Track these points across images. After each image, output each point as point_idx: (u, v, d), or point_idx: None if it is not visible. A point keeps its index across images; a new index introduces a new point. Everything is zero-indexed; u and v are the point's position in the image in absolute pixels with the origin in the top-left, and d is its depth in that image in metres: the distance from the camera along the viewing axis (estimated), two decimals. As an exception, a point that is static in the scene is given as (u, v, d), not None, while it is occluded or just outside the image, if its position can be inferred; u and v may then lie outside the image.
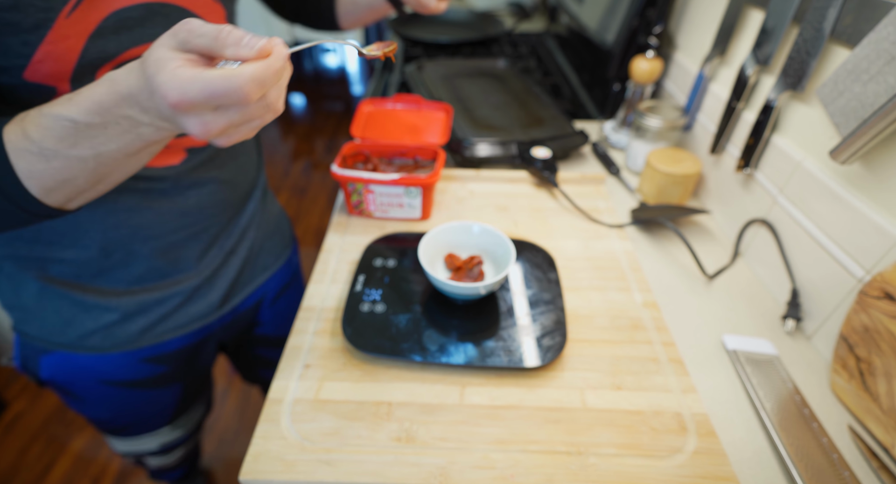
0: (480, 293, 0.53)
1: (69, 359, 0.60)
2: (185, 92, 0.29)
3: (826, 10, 0.52)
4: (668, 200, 0.75)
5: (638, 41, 0.90)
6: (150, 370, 0.65)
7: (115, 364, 0.61)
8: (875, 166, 0.49)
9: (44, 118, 0.33)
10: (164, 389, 0.69)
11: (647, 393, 0.48)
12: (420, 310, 0.55)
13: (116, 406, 0.68)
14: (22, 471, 1.30)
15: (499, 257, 0.57)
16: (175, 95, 0.29)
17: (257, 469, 0.42)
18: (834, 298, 0.53)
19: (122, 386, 0.64)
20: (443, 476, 0.41)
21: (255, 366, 0.89)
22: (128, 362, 0.62)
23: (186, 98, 0.29)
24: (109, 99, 0.32)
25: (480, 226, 0.58)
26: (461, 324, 0.54)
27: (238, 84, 0.29)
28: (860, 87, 0.48)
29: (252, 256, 0.70)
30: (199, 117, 0.30)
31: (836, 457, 0.44)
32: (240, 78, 0.29)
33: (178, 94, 0.29)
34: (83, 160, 0.34)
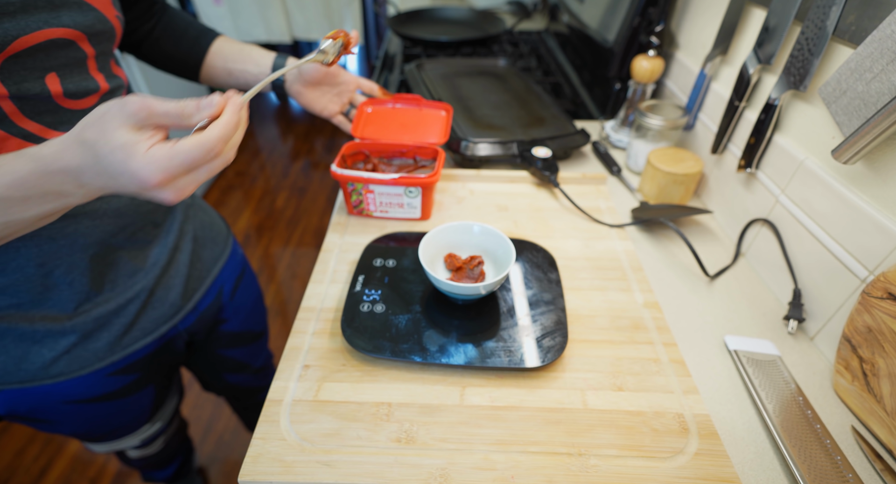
0: (481, 293, 0.52)
1: (26, 393, 0.56)
2: (168, 169, 0.31)
3: (829, 8, 0.52)
4: (670, 200, 0.75)
5: (639, 40, 0.89)
6: (119, 382, 0.62)
7: (80, 385, 0.59)
8: (878, 166, 0.48)
9: None
10: (137, 394, 0.68)
11: (649, 394, 0.48)
12: (420, 310, 0.54)
13: (90, 421, 0.66)
14: (19, 472, 1.29)
15: (499, 257, 0.56)
16: (159, 176, 0.31)
17: (256, 470, 0.41)
18: (837, 299, 0.53)
19: (93, 402, 0.62)
20: (443, 477, 0.41)
21: (220, 369, 0.88)
22: (94, 380, 0.59)
23: (169, 174, 0.32)
24: (35, 176, 0.33)
25: (481, 226, 0.58)
26: (461, 324, 0.53)
27: (209, 146, 0.32)
28: (863, 85, 0.47)
29: (198, 248, 0.69)
30: (173, 186, 0.33)
31: (839, 459, 0.43)
32: (210, 141, 0.32)
33: (162, 173, 0.31)
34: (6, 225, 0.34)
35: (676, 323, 0.58)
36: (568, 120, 0.89)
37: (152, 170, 0.31)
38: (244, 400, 1.02)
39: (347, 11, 2.31)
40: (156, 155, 0.31)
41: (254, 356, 0.90)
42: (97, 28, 0.47)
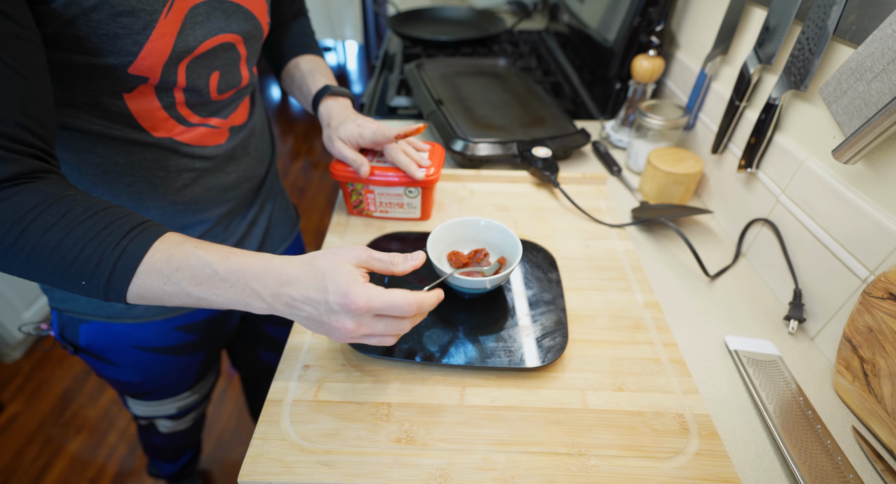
0: (486, 287, 0.52)
1: (107, 327, 0.63)
2: (371, 300, 0.38)
3: (829, 7, 0.52)
4: (670, 200, 0.75)
5: (639, 40, 0.89)
6: (181, 338, 0.68)
7: (150, 332, 0.65)
8: (879, 166, 0.48)
9: (194, 258, 0.39)
10: (190, 355, 0.73)
11: (649, 394, 0.48)
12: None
13: (147, 371, 0.71)
14: (18, 473, 1.29)
15: (505, 253, 0.56)
16: (363, 302, 0.38)
17: (256, 470, 0.41)
18: (837, 299, 0.53)
19: (155, 352, 0.68)
20: (443, 477, 0.41)
21: (259, 345, 0.92)
22: (162, 330, 0.66)
23: (370, 305, 0.38)
24: (255, 270, 0.39)
25: (487, 221, 0.58)
26: (462, 324, 0.53)
27: (409, 302, 0.39)
28: (864, 85, 0.47)
29: (271, 226, 0.74)
30: (358, 319, 0.39)
31: (839, 459, 0.43)
32: (412, 298, 0.40)
33: (366, 302, 0.38)
34: (189, 296, 0.39)
35: (677, 323, 0.58)
36: (568, 120, 0.89)
37: (361, 295, 0.38)
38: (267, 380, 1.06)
39: (348, 11, 2.31)
40: (370, 288, 0.39)
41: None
42: (252, 33, 0.55)
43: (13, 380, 1.52)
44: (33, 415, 1.43)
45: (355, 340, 0.41)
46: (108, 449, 1.36)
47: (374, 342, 0.42)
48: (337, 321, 0.39)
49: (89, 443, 1.37)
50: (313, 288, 0.39)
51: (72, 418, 1.43)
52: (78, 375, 1.55)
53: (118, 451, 1.35)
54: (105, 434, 1.39)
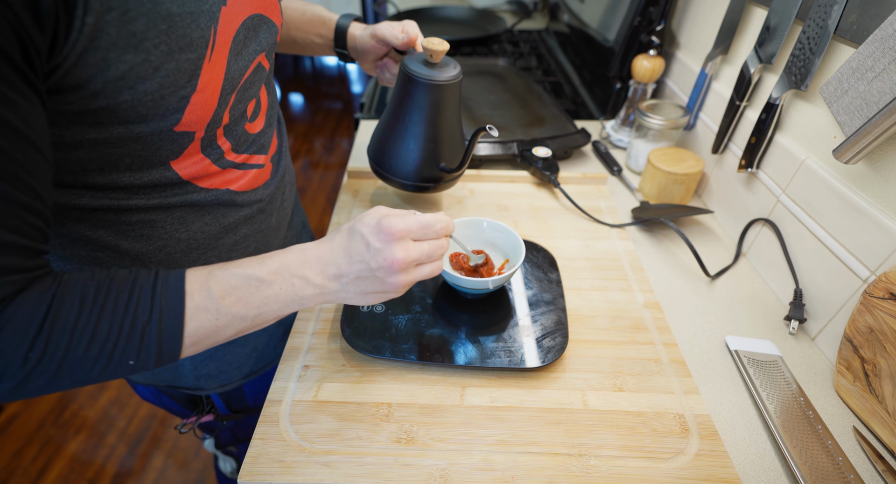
0: (489, 288, 0.52)
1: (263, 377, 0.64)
2: (407, 223, 0.39)
3: (830, 7, 0.51)
4: (670, 200, 0.74)
5: (640, 39, 0.89)
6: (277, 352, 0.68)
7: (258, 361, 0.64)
8: (880, 165, 0.48)
9: (234, 278, 0.37)
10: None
11: (649, 394, 0.48)
12: (420, 310, 0.54)
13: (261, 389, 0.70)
14: (17, 473, 1.29)
15: (509, 254, 0.56)
16: (401, 224, 0.38)
17: (256, 471, 0.41)
18: (838, 299, 0.52)
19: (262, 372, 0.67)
20: (443, 478, 0.41)
21: None
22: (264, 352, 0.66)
23: (408, 227, 0.39)
24: (294, 261, 0.39)
25: (490, 221, 0.58)
26: (463, 324, 0.53)
27: (436, 216, 0.41)
28: (865, 85, 0.47)
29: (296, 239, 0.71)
30: (403, 246, 0.39)
31: (840, 459, 0.43)
32: (436, 215, 0.42)
33: (403, 224, 0.39)
34: (244, 319, 0.38)
35: (677, 323, 0.58)
36: (568, 119, 0.88)
37: (394, 221, 0.39)
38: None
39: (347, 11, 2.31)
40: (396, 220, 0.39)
41: None
42: (274, 43, 0.49)
43: (12, 380, 1.52)
44: (32, 415, 1.43)
45: (408, 278, 0.40)
46: (107, 449, 1.35)
47: (426, 272, 0.41)
48: (385, 258, 0.38)
49: (89, 443, 1.37)
50: (351, 244, 0.39)
51: (71, 419, 1.42)
52: (77, 375, 1.54)
53: (117, 451, 1.35)
54: (104, 434, 1.39)
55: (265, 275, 0.38)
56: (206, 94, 0.39)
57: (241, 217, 0.51)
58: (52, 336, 0.31)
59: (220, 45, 0.39)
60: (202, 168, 0.45)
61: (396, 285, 0.40)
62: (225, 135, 0.45)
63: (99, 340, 0.32)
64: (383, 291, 0.40)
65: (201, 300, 0.36)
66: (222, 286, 0.37)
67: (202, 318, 0.36)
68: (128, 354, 0.34)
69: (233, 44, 0.40)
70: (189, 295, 0.36)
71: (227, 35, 0.39)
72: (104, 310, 0.33)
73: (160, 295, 0.35)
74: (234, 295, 0.37)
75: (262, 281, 0.38)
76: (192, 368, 0.59)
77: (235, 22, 0.40)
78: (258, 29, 0.44)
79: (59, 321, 0.31)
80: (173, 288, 0.35)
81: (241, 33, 0.41)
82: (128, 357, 0.34)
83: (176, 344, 0.35)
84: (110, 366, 0.33)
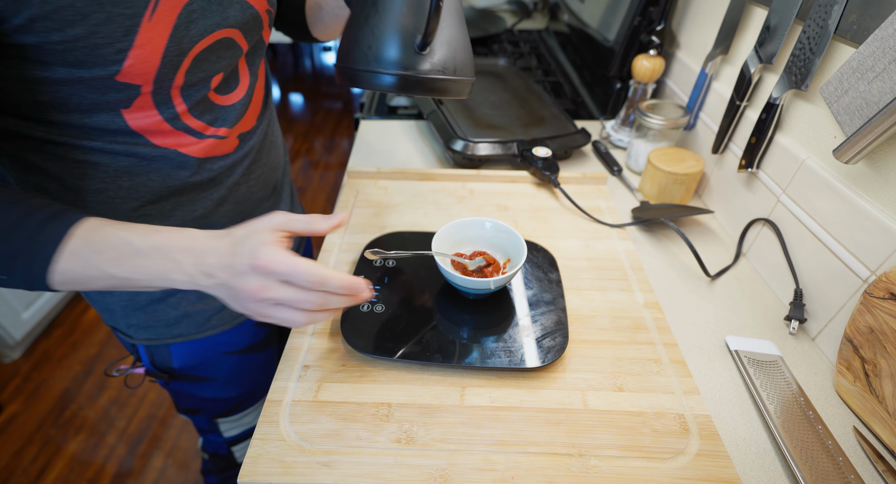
0: (490, 288, 0.52)
1: (197, 343, 0.63)
2: (276, 261, 0.37)
3: (830, 6, 0.51)
4: (670, 200, 0.74)
5: (640, 39, 0.89)
6: (258, 333, 0.69)
7: (237, 334, 0.65)
8: (880, 165, 0.48)
9: (115, 238, 0.39)
10: (265, 351, 0.74)
11: (649, 394, 0.48)
12: (420, 310, 0.54)
13: (240, 376, 0.71)
14: (16, 474, 1.29)
15: (511, 255, 0.56)
16: (267, 260, 0.37)
17: (256, 471, 0.41)
18: (838, 299, 0.52)
19: (242, 353, 0.68)
20: (443, 478, 0.41)
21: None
22: (244, 328, 0.67)
23: (274, 266, 0.37)
24: (178, 244, 0.39)
25: (492, 222, 0.58)
26: (463, 324, 0.53)
27: (312, 272, 0.37)
28: (865, 85, 0.47)
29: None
30: (262, 280, 0.38)
31: (841, 460, 0.43)
32: (316, 269, 0.38)
33: (270, 261, 0.37)
34: (112, 277, 0.39)
35: (677, 323, 0.58)
36: (568, 119, 0.88)
37: (267, 254, 0.37)
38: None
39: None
40: (280, 252, 0.38)
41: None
42: (252, 24, 0.50)
43: (12, 380, 1.52)
44: (32, 415, 1.43)
45: (262, 311, 0.39)
46: (107, 449, 1.35)
47: (281, 316, 0.39)
48: (243, 282, 0.38)
49: (88, 443, 1.36)
50: (228, 253, 0.39)
51: (71, 419, 1.42)
52: (77, 376, 1.55)
53: (117, 451, 1.35)
54: (104, 435, 1.39)
55: (143, 246, 0.39)
56: (145, 50, 0.41)
57: (189, 182, 0.52)
58: None
59: (165, 9, 0.41)
60: (154, 123, 0.46)
61: (250, 310, 0.39)
62: (182, 95, 0.46)
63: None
64: (241, 307, 0.40)
65: (77, 247, 0.38)
66: (102, 242, 0.39)
67: (72, 262, 0.39)
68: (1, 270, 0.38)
69: (183, 10, 0.42)
70: (69, 237, 0.38)
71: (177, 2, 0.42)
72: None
73: (44, 229, 0.38)
74: (109, 254, 0.39)
75: (139, 251, 0.39)
76: (123, 315, 0.60)
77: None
78: (227, 5, 0.46)
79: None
80: (59, 228, 0.38)
81: (196, 3, 0.43)
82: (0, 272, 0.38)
83: (42, 275, 0.38)
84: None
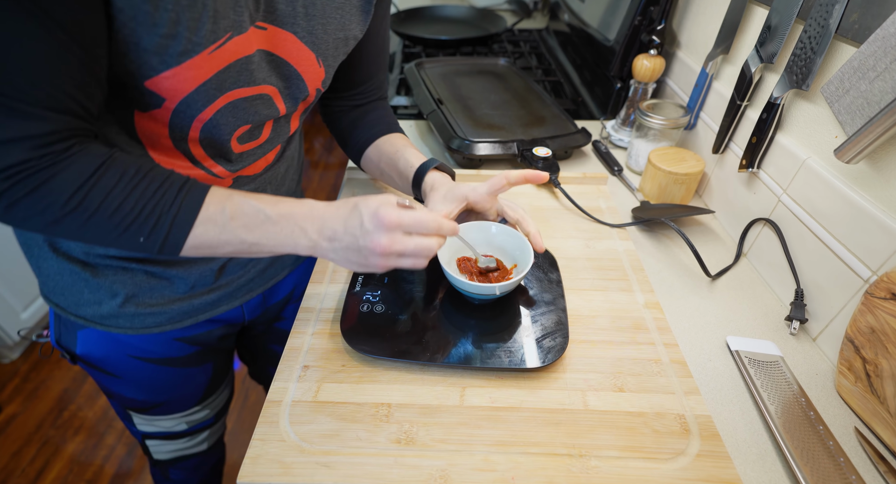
0: (495, 294, 0.52)
1: (104, 335, 0.61)
2: (401, 215, 0.42)
3: (832, 6, 0.51)
4: (671, 200, 0.74)
5: (640, 39, 0.89)
6: (182, 349, 0.66)
7: (149, 342, 0.63)
8: (881, 165, 0.48)
9: (247, 206, 0.43)
10: (197, 368, 0.71)
11: (650, 395, 0.48)
12: (420, 310, 0.54)
13: (150, 383, 0.68)
14: (15, 474, 1.29)
15: (517, 258, 0.56)
16: (394, 216, 0.42)
17: (255, 472, 0.41)
18: (839, 299, 0.52)
19: (156, 363, 0.65)
20: (443, 478, 0.41)
21: (266, 363, 0.91)
22: (161, 340, 0.63)
23: (401, 219, 0.42)
24: (302, 212, 0.44)
25: (498, 226, 0.57)
26: (463, 324, 0.53)
27: (433, 218, 0.43)
28: (866, 84, 0.47)
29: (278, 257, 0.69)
30: (390, 235, 0.42)
31: (842, 460, 0.43)
32: (435, 215, 0.44)
33: (396, 216, 0.42)
34: (243, 242, 0.43)
35: (678, 323, 0.58)
36: (568, 119, 0.88)
37: (391, 211, 0.42)
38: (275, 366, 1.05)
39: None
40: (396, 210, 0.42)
41: None
42: (294, 94, 0.53)
43: (11, 381, 1.52)
44: (31, 416, 1.43)
45: (391, 262, 0.44)
46: (106, 450, 1.35)
47: (408, 264, 0.44)
48: (371, 241, 0.42)
49: (87, 444, 1.36)
50: (350, 217, 0.43)
51: (70, 419, 1.42)
52: (76, 377, 1.54)
53: (116, 452, 1.35)
54: (103, 435, 1.39)
55: (273, 214, 0.43)
56: (189, 73, 0.42)
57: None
58: (90, 193, 0.39)
59: (226, 53, 0.42)
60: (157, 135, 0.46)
61: (376, 265, 0.44)
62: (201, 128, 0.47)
63: (123, 211, 0.40)
64: (365, 264, 0.44)
65: (214, 213, 0.42)
66: (235, 209, 0.43)
67: (209, 227, 0.42)
68: (141, 232, 0.41)
69: (243, 59, 0.44)
70: (206, 205, 0.42)
71: (241, 47, 0.44)
72: (136, 189, 0.40)
73: (184, 195, 0.41)
74: (242, 219, 0.43)
75: (269, 217, 0.43)
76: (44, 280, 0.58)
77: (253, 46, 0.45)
78: (279, 67, 0.49)
79: (99, 184, 0.39)
80: (196, 195, 0.42)
81: (249, 59, 0.45)
82: (139, 234, 0.41)
83: (180, 239, 0.42)
84: (125, 235, 0.41)
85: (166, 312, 0.60)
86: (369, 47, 0.63)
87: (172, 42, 0.39)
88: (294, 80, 0.51)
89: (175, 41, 0.39)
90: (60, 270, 0.56)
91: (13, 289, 1.50)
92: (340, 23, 0.52)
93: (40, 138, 0.36)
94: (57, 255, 0.55)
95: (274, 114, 0.52)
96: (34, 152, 0.36)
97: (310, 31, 0.49)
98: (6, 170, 0.36)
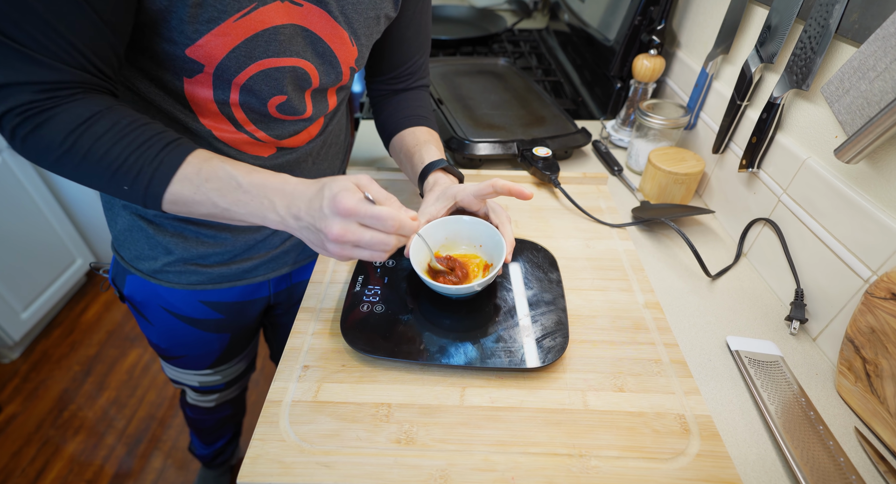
0: (475, 290, 0.52)
1: (144, 284, 0.67)
2: (358, 206, 0.41)
3: (832, 6, 0.51)
4: (671, 200, 0.74)
5: (640, 39, 0.89)
6: (206, 313, 0.71)
7: (178, 298, 0.68)
8: (881, 165, 0.48)
9: (222, 171, 0.44)
10: (215, 334, 0.75)
11: (650, 395, 0.48)
12: (420, 310, 0.54)
13: (172, 336, 0.74)
14: (15, 474, 1.29)
15: (491, 249, 0.56)
16: (351, 204, 0.41)
17: (255, 471, 0.41)
18: (839, 299, 0.52)
19: (181, 319, 0.71)
20: (443, 478, 0.41)
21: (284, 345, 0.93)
22: (189, 300, 0.68)
23: (357, 209, 0.41)
24: (274, 186, 0.44)
25: (470, 218, 0.57)
26: (463, 324, 0.53)
27: (392, 216, 0.42)
28: (866, 84, 0.47)
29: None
30: (344, 223, 0.42)
31: (842, 460, 0.43)
32: (395, 214, 0.42)
33: (353, 204, 0.41)
34: (215, 206, 0.44)
35: (678, 323, 0.58)
36: (568, 119, 0.88)
37: (350, 199, 0.41)
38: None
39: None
40: (360, 198, 0.42)
41: None
42: (329, 72, 0.55)
43: (11, 381, 1.52)
44: (31, 416, 1.43)
45: (343, 252, 0.43)
46: (106, 450, 1.35)
47: (365, 256, 0.44)
48: (326, 226, 0.42)
49: (87, 444, 1.36)
50: (315, 198, 0.43)
51: (70, 419, 1.42)
52: (76, 376, 1.54)
53: (116, 452, 1.35)
54: (103, 435, 1.39)
55: (244, 182, 0.44)
56: (219, 40, 0.45)
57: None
58: (82, 137, 0.41)
59: (252, 21, 0.46)
60: (205, 100, 0.51)
61: (332, 252, 0.44)
62: (240, 91, 0.51)
63: (109, 157, 0.42)
64: (324, 249, 0.44)
65: (190, 173, 0.43)
66: (210, 172, 0.44)
67: (185, 185, 0.43)
68: (125, 180, 0.43)
69: (272, 29, 0.47)
70: (186, 163, 0.43)
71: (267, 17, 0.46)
72: (125, 138, 0.42)
73: (168, 151, 0.43)
74: (216, 183, 0.44)
75: (240, 185, 0.44)
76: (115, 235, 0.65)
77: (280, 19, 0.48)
78: (314, 44, 0.52)
79: (91, 129, 0.41)
80: (179, 152, 0.44)
81: (288, 29, 0.49)
82: (123, 182, 0.43)
83: (159, 192, 0.43)
84: (112, 181, 0.43)
85: (207, 273, 0.65)
86: (405, 29, 0.64)
87: (200, 10, 0.43)
88: (328, 56, 0.54)
89: (202, 9, 0.43)
90: (130, 226, 0.61)
91: (13, 289, 1.50)
92: (372, 1, 0.54)
93: (48, 84, 0.40)
94: (128, 212, 0.61)
95: (306, 86, 0.54)
96: (40, 95, 0.40)
97: (342, 9, 0.51)
98: (16, 107, 0.40)
